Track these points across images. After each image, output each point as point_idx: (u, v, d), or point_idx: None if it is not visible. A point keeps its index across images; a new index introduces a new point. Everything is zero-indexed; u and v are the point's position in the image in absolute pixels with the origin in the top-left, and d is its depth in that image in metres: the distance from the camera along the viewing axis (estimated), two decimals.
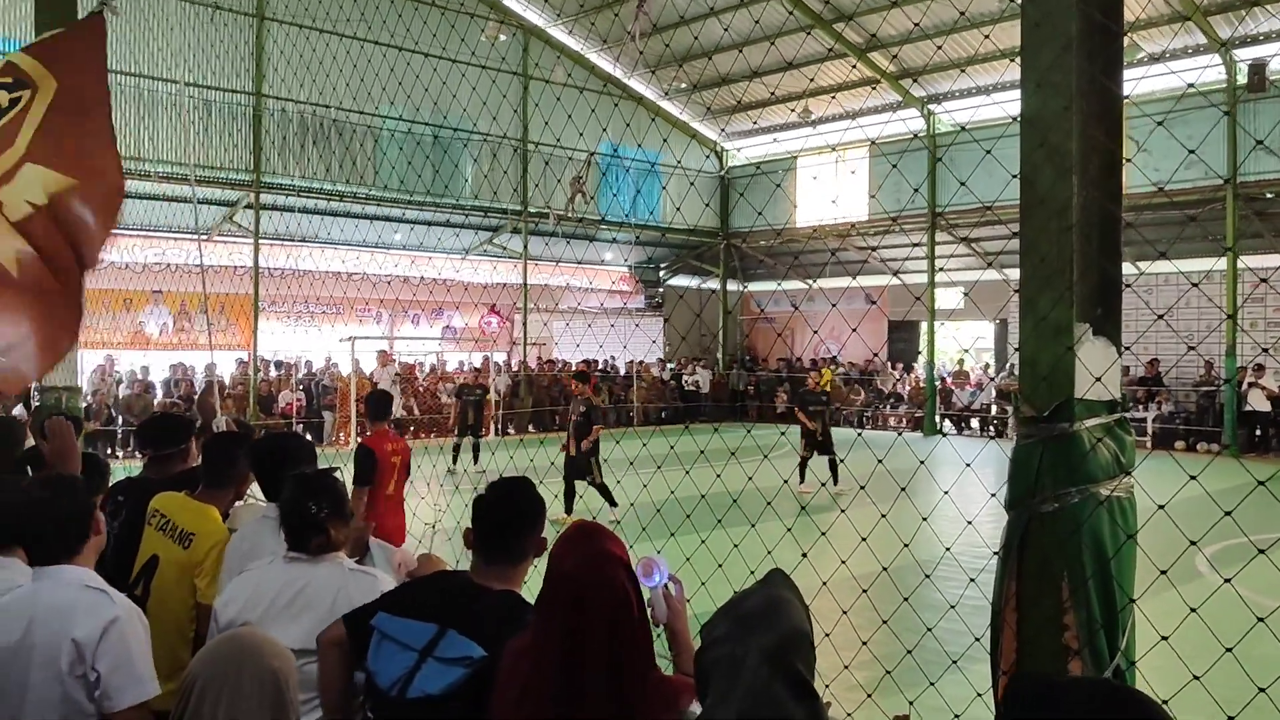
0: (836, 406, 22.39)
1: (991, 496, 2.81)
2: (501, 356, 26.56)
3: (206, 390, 6.93)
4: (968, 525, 3.67)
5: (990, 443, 19.69)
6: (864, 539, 3.91)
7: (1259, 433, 20.06)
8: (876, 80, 24.26)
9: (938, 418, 24.69)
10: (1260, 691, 2.65)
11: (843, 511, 5.15)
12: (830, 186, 26.11)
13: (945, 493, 3.98)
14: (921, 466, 4.52)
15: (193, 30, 20.08)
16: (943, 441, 20.53)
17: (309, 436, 17.16)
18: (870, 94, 25.14)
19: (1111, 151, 2.54)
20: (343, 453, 7.53)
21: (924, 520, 4.37)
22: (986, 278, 23.85)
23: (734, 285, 31.10)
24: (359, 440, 11.25)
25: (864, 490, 4.88)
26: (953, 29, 20.68)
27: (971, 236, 25.23)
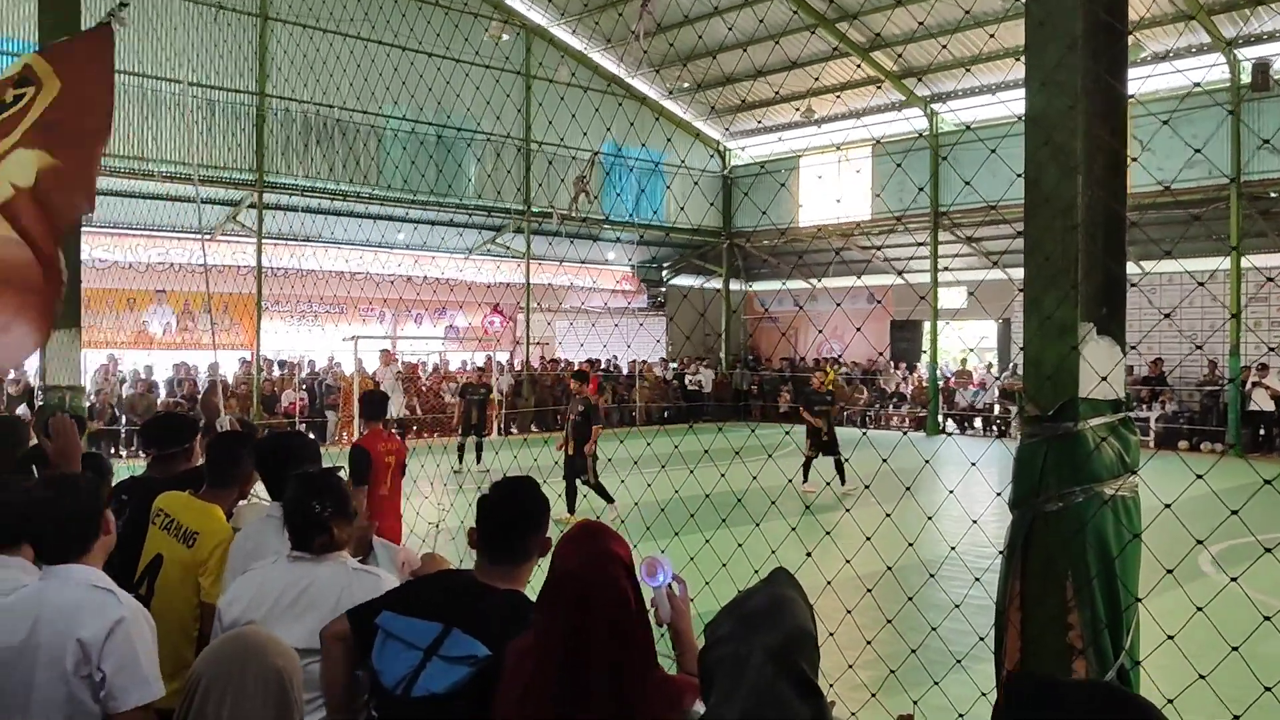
0: (840, 406, 22.37)
1: (997, 495, 2.81)
2: (504, 356, 26.57)
3: (210, 390, 6.93)
4: (973, 525, 3.67)
5: (994, 442, 19.67)
6: (868, 538, 3.91)
7: (1263, 432, 20.01)
8: (880, 80, 24.24)
9: (941, 417, 24.65)
10: (1266, 690, 2.65)
11: (847, 511, 5.15)
12: (833, 186, 26.09)
13: (950, 492, 3.98)
14: (926, 466, 4.51)
15: (196, 30, 20.11)
16: (946, 441, 20.50)
17: (312, 436, 17.16)
18: (874, 93, 25.12)
19: (1116, 151, 2.54)
20: (346, 452, 7.53)
21: (929, 519, 4.36)
22: (990, 277, 23.82)
23: (737, 285, 31.07)
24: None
25: (869, 490, 4.87)
26: (957, 28, 20.66)
27: (975, 236, 25.20)
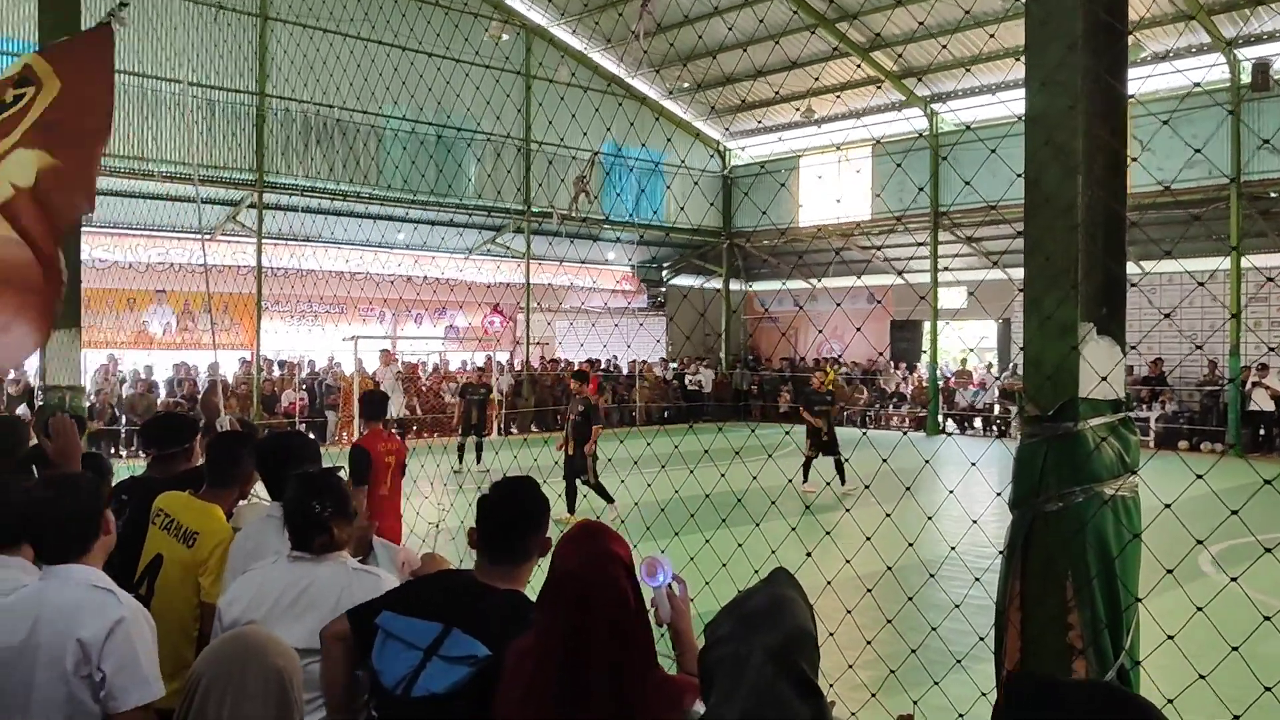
0: (840, 406, 22.36)
1: (997, 496, 2.81)
2: (504, 356, 26.57)
3: (210, 390, 6.93)
4: (973, 525, 3.67)
5: (994, 442, 19.67)
6: (868, 538, 3.91)
7: (1262, 432, 20.01)
8: (880, 80, 24.24)
9: (940, 417, 24.64)
10: (1266, 690, 2.64)
11: (847, 511, 5.15)
12: (833, 186, 26.09)
13: (950, 492, 3.98)
14: (926, 466, 4.51)
15: (196, 30, 20.10)
16: (946, 441, 20.49)
17: (312, 436, 17.16)
18: (874, 93, 25.12)
19: (1116, 150, 2.54)
20: (346, 452, 7.54)
21: (929, 519, 4.36)
22: (990, 277, 23.81)
23: (736, 285, 31.06)
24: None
25: (869, 490, 4.87)
26: (957, 28, 20.66)
27: (975, 236, 25.20)
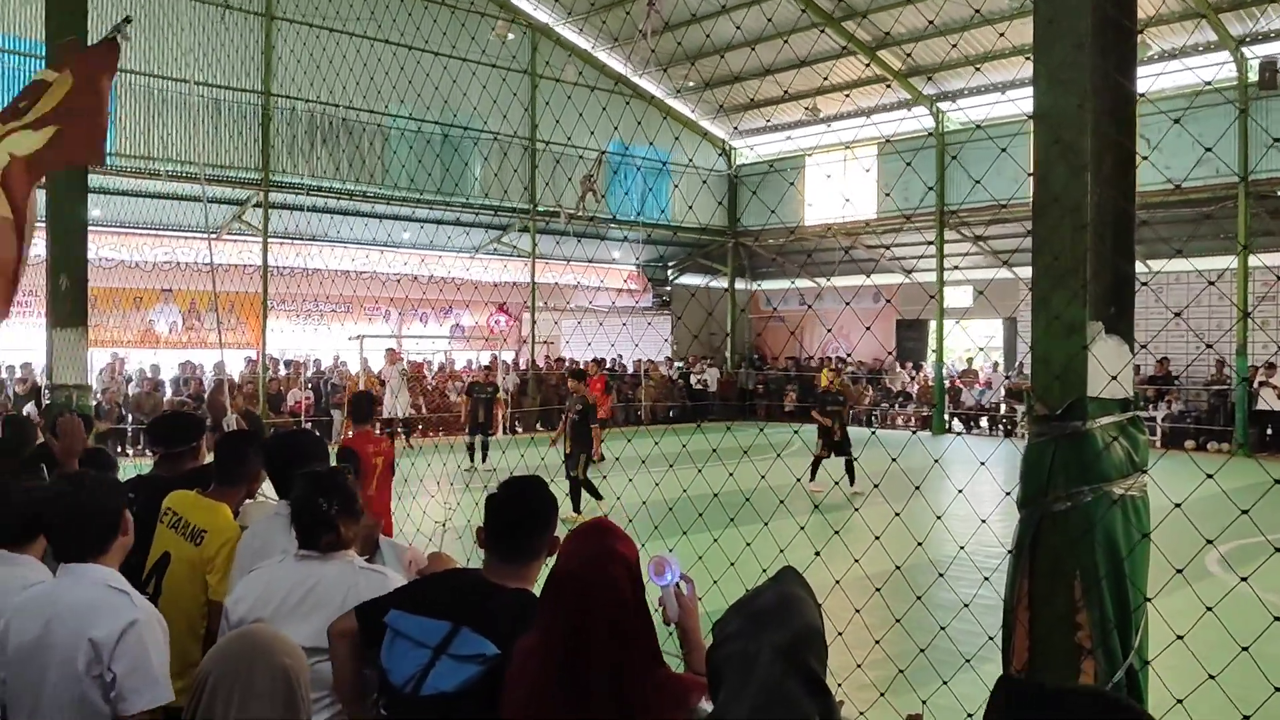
0: (849, 406, 22.31)
1: (1006, 495, 2.80)
2: (510, 355, 26.58)
3: (217, 388, 6.95)
4: (981, 524, 3.66)
5: (1003, 441, 19.65)
6: (877, 537, 3.90)
7: (1270, 432, 19.95)
8: (887, 79, 24.19)
9: (946, 416, 24.61)
10: (1276, 690, 2.63)
11: (856, 510, 5.14)
12: (840, 185, 26.06)
13: (960, 491, 3.97)
14: (936, 465, 4.51)
15: (202, 29, 20.13)
16: (954, 440, 20.47)
17: (318, 434, 17.18)
18: (882, 92, 25.08)
19: (1125, 149, 2.53)
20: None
21: (937, 519, 4.35)
22: (997, 276, 23.77)
23: (742, 284, 31.03)
24: (340, 441, 11.27)
25: (877, 489, 4.86)
26: (965, 26, 20.62)
27: (982, 235, 25.16)
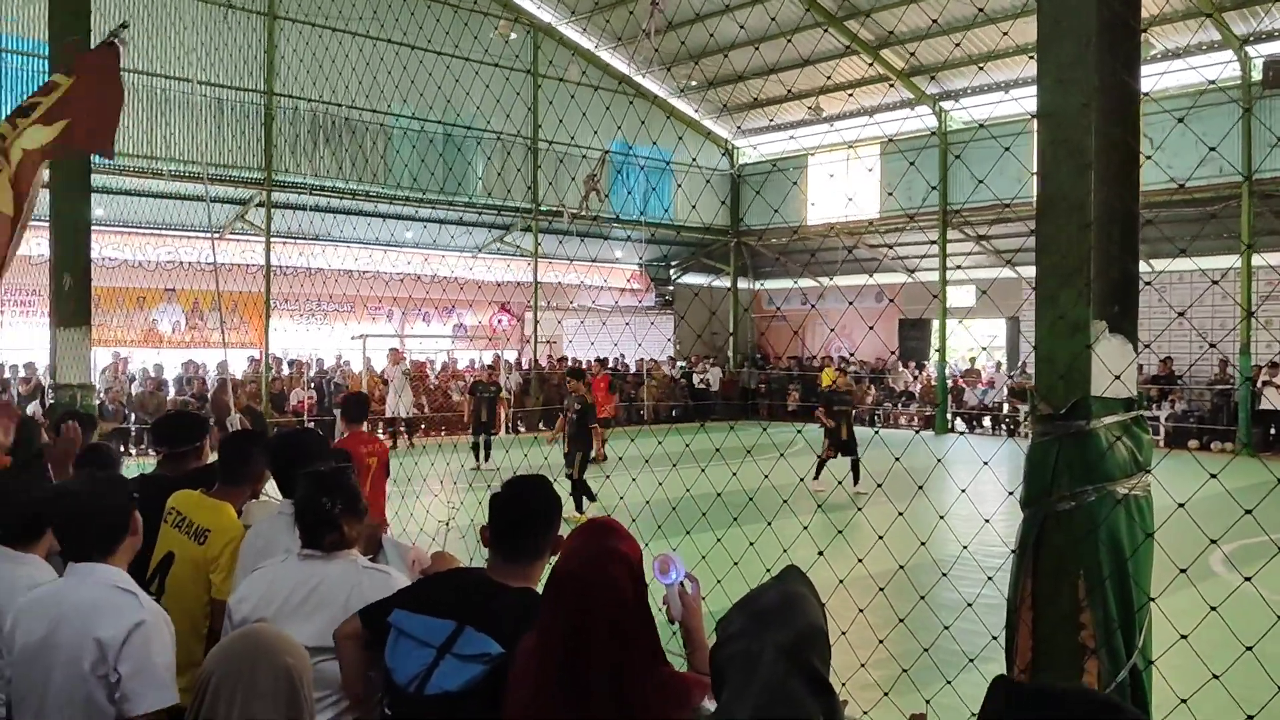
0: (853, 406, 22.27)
1: (1010, 495, 2.80)
2: (513, 355, 26.58)
3: (220, 387, 6.95)
4: (985, 524, 3.65)
5: (1007, 441, 19.65)
6: (880, 537, 3.90)
7: (1273, 431, 19.91)
8: (890, 78, 24.17)
9: (949, 416, 24.59)
10: None
11: (859, 510, 5.14)
12: (843, 184, 26.03)
13: (963, 491, 3.97)
14: (939, 465, 4.50)
15: (205, 29, 20.13)
16: (957, 440, 20.46)
17: (321, 433, 17.17)
18: (886, 91, 25.05)
19: (1129, 148, 2.53)
20: None
21: (941, 518, 4.35)
22: (1000, 275, 23.74)
23: (745, 283, 31.00)
24: (334, 442, 11.26)
25: (880, 488, 4.86)
26: (969, 25, 20.60)
27: (985, 234, 25.13)
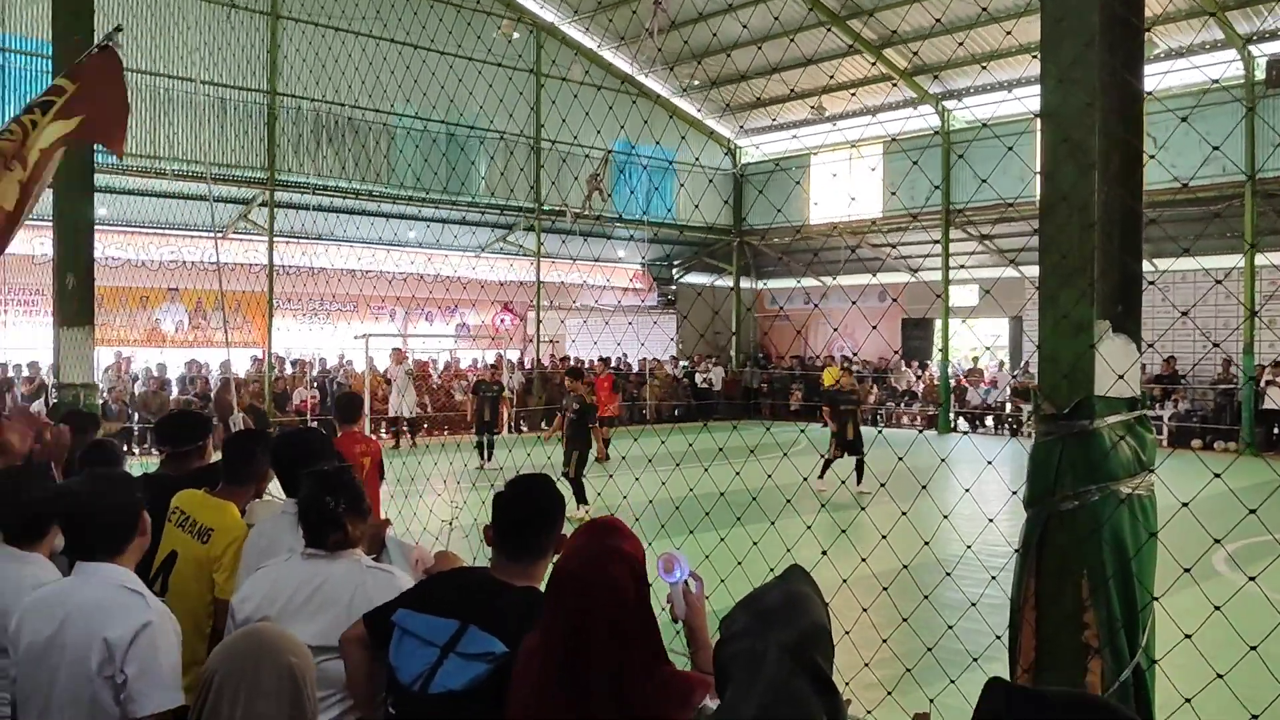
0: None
1: (1013, 494, 2.80)
2: (515, 354, 26.58)
3: (223, 387, 6.95)
4: (988, 523, 3.65)
5: (1010, 440, 19.62)
6: (884, 537, 3.89)
7: (1276, 431, 19.88)
8: (893, 77, 24.15)
9: (952, 415, 24.57)
10: None
11: (863, 509, 5.14)
12: (846, 183, 26.02)
13: (966, 490, 3.97)
14: (942, 464, 4.50)
15: (208, 28, 20.15)
16: (961, 439, 20.44)
17: (325, 433, 17.18)
18: (888, 91, 25.03)
19: (1133, 147, 2.53)
20: None
21: (944, 518, 4.35)
22: (1003, 275, 23.71)
23: (747, 283, 30.97)
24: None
25: (884, 488, 4.86)
26: (972, 25, 20.58)
27: (988, 233, 25.11)
